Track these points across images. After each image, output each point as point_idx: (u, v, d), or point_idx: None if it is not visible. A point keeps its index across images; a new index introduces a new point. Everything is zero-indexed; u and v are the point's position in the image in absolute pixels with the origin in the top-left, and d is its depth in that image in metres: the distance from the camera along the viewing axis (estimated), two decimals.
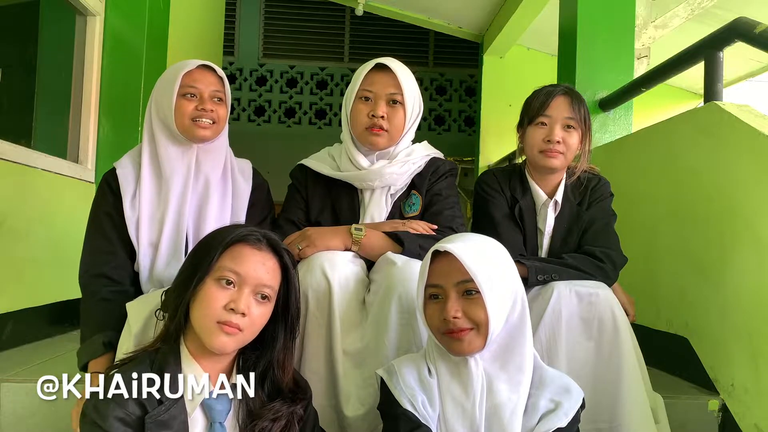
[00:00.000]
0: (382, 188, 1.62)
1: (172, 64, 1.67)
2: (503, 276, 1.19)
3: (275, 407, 1.14)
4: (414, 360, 1.24)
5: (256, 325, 1.14)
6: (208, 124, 1.54)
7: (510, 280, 1.20)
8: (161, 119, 1.56)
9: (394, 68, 1.59)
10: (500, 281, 1.17)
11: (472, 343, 1.15)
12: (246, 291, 1.11)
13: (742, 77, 4.97)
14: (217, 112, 1.55)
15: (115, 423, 1.02)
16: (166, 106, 1.53)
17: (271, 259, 1.16)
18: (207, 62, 1.58)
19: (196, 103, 1.53)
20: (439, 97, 6.90)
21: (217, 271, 1.12)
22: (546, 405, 1.17)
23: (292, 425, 1.15)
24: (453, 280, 1.16)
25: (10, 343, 2.13)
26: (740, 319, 1.70)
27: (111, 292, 1.47)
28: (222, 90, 1.57)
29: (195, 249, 1.20)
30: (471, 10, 5.07)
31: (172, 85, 1.52)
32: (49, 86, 2.97)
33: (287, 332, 1.18)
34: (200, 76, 1.55)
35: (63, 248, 2.41)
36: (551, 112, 1.66)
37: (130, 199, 1.53)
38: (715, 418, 1.74)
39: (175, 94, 1.52)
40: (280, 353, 1.17)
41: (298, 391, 1.20)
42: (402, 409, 1.15)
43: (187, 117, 1.52)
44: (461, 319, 1.14)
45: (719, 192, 1.84)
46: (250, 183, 1.64)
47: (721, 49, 2.05)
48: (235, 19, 6.64)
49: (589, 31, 3.02)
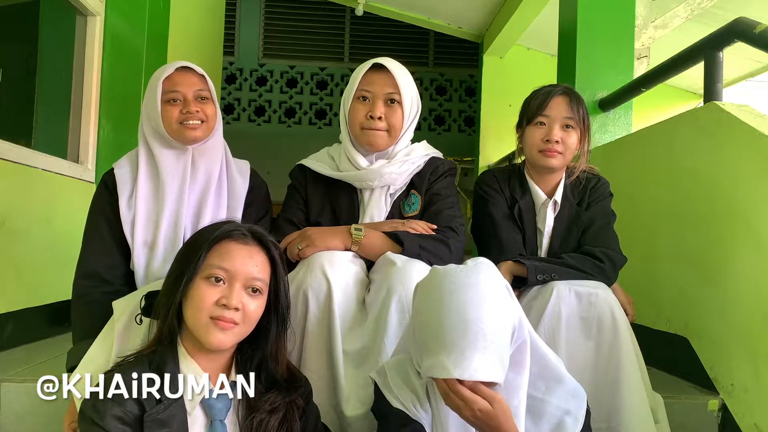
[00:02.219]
0: (382, 188, 1.62)
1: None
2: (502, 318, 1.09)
3: (271, 398, 1.15)
4: (402, 361, 1.24)
5: (252, 318, 1.14)
6: (197, 125, 1.53)
7: (509, 320, 1.11)
8: (152, 127, 1.57)
9: (392, 68, 1.59)
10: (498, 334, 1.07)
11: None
12: (237, 286, 1.12)
13: (742, 77, 4.96)
14: (204, 111, 1.55)
15: (113, 422, 1.02)
16: (154, 114, 1.54)
17: (258, 253, 1.16)
18: (185, 63, 1.58)
19: (180, 106, 1.53)
20: (439, 97, 6.89)
21: (206, 269, 1.12)
22: (553, 413, 1.17)
23: (292, 417, 1.16)
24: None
25: (10, 343, 2.13)
26: (740, 319, 1.70)
27: (102, 293, 1.48)
28: (205, 88, 1.57)
29: (181, 250, 1.21)
30: (471, 10, 5.07)
31: (155, 92, 1.53)
32: (49, 86, 2.97)
33: (279, 323, 1.19)
34: (180, 78, 1.54)
35: (63, 248, 2.41)
36: (550, 112, 1.66)
37: (127, 198, 1.54)
38: (715, 418, 1.74)
39: (158, 101, 1.52)
40: (273, 345, 1.18)
41: (293, 380, 1.21)
42: (393, 409, 1.17)
43: (174, 122, 1.53)
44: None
45: (719, 192, 1.84)
46: (247, 182, 1.64)
47: (721, 49, 2.05)
48: (235, 19, 6.64)
49: (589, 31, 3.02)
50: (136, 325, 1.33)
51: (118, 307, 1.40)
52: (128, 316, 1.35)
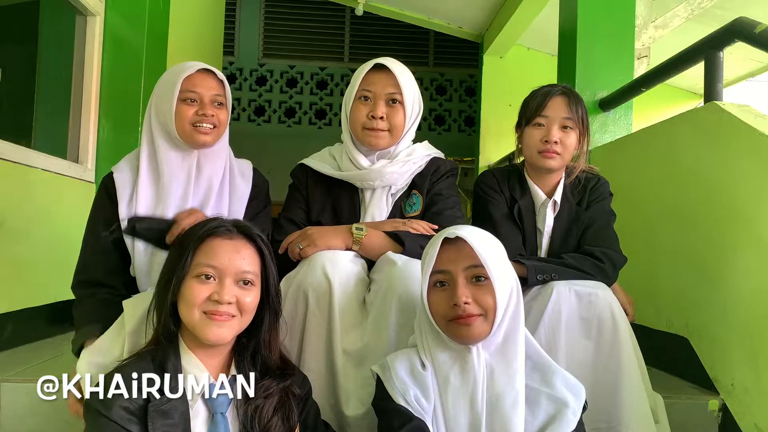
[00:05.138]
0: (383, 188, 1.62)
1: (173, 64, 1.66)
2: (506, 265, 1.23)
3: (265, 384, 1.17)
4: (407, 354, 1.25)
5: (249, 310, 1.16)
6: (209, 129, 1.52)
7: (510, 271, 1.24)
8: (161, 124, 1.54)
9: (393, 68, 1.59)
10: (504, 269, 1.21)
11: (480, 329, 1.17)
12: (227, 281, 1.14)
13: (742, 77, 4.97)
14: (218, 116, 1.53)
15: (120, 411, 1.04)
16: (166, 110, 1.51)
17: (245, 246, 1.18)
18: (207, 66, 1.56)
19: (196, 107, 1.51)
20: (439, 97, 6.90)
21: (195, 268, 1.14)
22: (550, 404, 1.18)
23: (287, 405, 1.17)
24: (462, 266, 1.18)
25: (10, 343, 2.13)
26: (740, 319, 1.70)
27: (106, 292, 1.48)
28: (222, 94, 1.55)
29: (170, 252, 1.22)
30: (471, 10, 5.07)
31: (172, 89, 1.50)
32: (49, 86, 2.97)
33: (271, 313, 1.21)
34: (200, 80, 1.52)
35: (63, 248, 2.41)
36: (548, 112, 1.66)
37: (127, 203, 1.52)
38: (715, 418, 1.74)
39: (175, 98, 1.50)
40: (266, 334, 1.20)
41: (286, 367, 1.22)
42: (395, 404, 1.17)
43: (187, 122, 1.51)
44: (471, 304, 1.16)
45: (719, 192, 1.84)
46: (249, 185, 1.63)
47: (721, 49, 2.05)
48: (235, 19, 6.64)
49: (589, 31, 3.02)
50: (147, 325, 1.31)
51: (128, 307, 1.38)
52: (139, 318, 1.33)
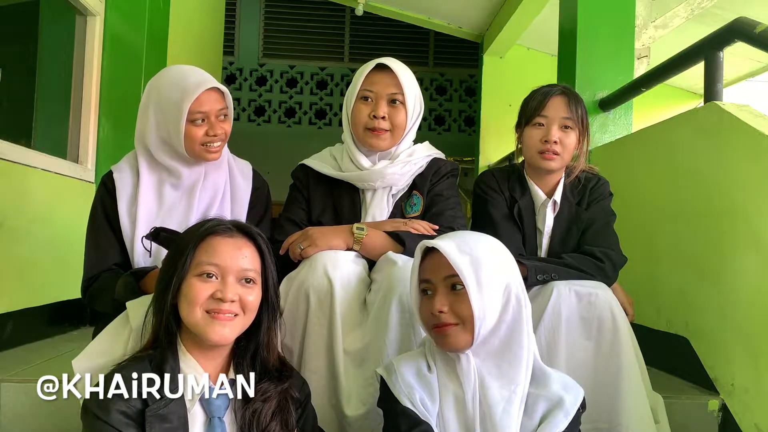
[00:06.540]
0: (384, 188, 1.62)
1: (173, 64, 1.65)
2: (494, 272, 1.17)
3: (263, 387, 1.16)
4: (413, 356, 1.24)
5: (251, 308, 1.16)
6: (218, 147, 1.52)
7: (503, 277, 1.19)
8: (163, 140, 1.51)
9: (395, 68, 1.59)
10: (489, 278, 1.16)
11: (458, 339, 1.16)
12: (230, 279, 1.13)
13: (742, 77, 4.97)
14: (225, 129, 1.52)
15: (117, 415, 1.03)
16: (172, 131, 1.48)
17: (246, 245, 1.17)
18: (210, 84, 1.50)
19: (205, 128, 1.49)
20: (439, 97, 6.90)
21: (196, 267, 1.13)
22: (545, 406, 1.17)
23: (285, 408, 1.17)
24: (441, 275, 1.18)
25: (10, 343, 2.13)
26: (740, 319, 1.70)
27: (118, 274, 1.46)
28: (225, 105, 1.54)
29: (169, 252, 1.21)
30: (471, 10, 5.07)
31: (179, 112, 1.46)
32: (49, 86, 2.97)
33: (270, 313, 1.20)
34: (206, 98, 1.49)
35: (63, 248, 2.41)
36: (548, 112, 1.66)
37: (127, 203, 1.51)
38: (715, 418, 1.74)
39: (183, 121, 1.46)
40: (265, 335, 1.19)
41: (284, 369, 1.21)
42: (402, 406, 1.16)
43: (197, 143, 1.49)
44: (446, 313, 1.16)
45: (719, 192, 1.84)
46: (250, 185, 1.63)
47: (721, 49, 2.05)
48: (235, 19, 6.64)
49: (589, 31, 3.02)
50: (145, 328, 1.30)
51: (132, 308, 1.35)
52: (142, 317, 1.33)
